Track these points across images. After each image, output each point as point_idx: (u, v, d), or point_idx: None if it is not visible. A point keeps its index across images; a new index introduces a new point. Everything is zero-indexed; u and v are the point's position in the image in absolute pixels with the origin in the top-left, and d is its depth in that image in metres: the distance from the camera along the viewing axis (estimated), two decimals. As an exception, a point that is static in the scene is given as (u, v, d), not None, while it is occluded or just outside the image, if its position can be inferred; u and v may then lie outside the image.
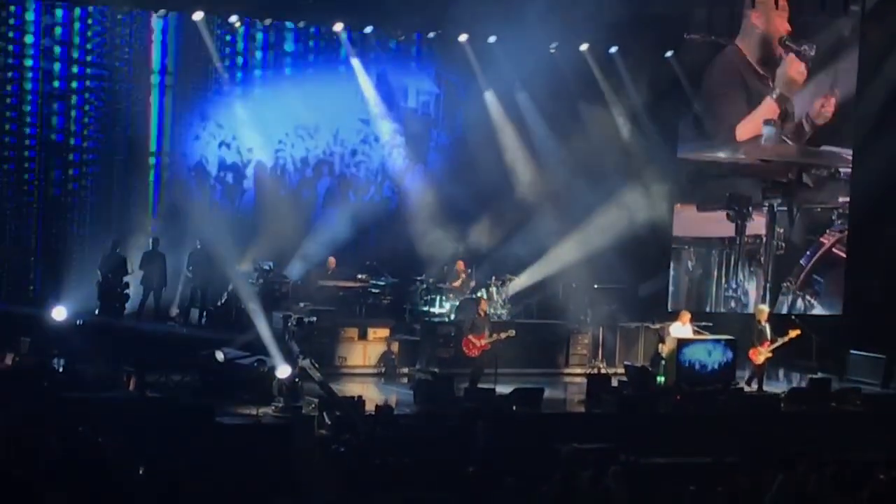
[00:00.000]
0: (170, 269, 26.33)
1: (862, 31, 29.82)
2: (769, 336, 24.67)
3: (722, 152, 29.58)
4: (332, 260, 27.46)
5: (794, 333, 24.87)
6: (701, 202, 29.65)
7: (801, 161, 30.07)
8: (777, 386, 25.52)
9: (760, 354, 24.67)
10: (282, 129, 28.64)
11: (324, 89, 28.78)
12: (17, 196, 26.56)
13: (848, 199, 30.20)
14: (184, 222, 27.06)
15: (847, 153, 30.16)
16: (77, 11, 26.34)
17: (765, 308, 25.81)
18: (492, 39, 28.83)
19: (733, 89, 29.56)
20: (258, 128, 28.14)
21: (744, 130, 29.55)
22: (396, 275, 28.11)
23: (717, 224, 29.73)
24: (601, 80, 29.77)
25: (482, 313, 24.62)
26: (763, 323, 24.92)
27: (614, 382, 24.22)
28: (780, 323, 25.70)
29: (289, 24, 28.30)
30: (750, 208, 29.76)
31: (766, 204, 29.92)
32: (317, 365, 22.43)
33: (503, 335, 24.22)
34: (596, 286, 28.11)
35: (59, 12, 26.25)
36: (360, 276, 27.52)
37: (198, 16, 26.83)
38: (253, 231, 27.71)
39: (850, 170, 30.16)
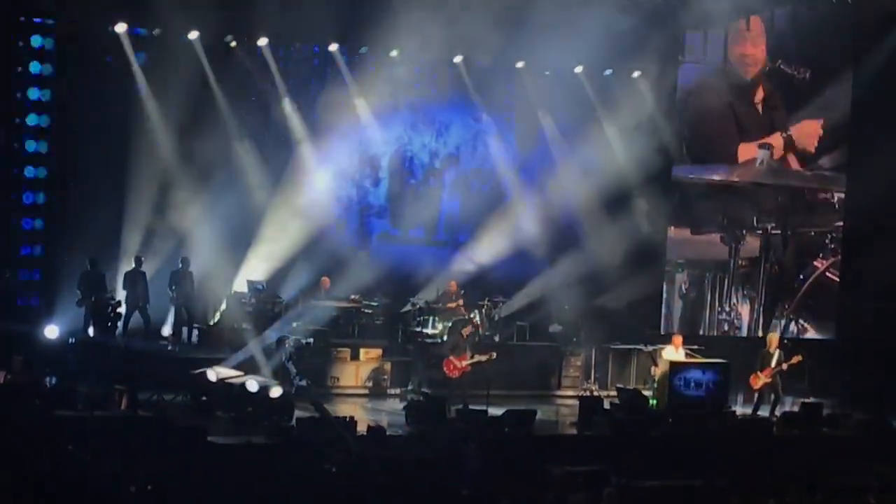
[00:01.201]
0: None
1: (855, 55, 29.92)
2: (773, 363, 24.72)
3: (716, 175, 29.67)
4: (325, 280, 27.44)
5: (794, 359, 24.89)
6: (695, 225, 29.73)
7: (795, 184, 30.18)
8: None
9: (759, 380, 24.72)
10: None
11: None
12: (10, 214, 26.57)
13: (841, 223, 30.28)
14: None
15: (840, 177, 30.26)
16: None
17: (775, 335, 25.77)
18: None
19: (723, 115, 29.72)
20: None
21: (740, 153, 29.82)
22: (390, 295, 28.16)
23: (711, 247, 29.82)
24: (596, 101, 29.94)
25: (464, 335, 24.64)
26: (773, 350, 24.95)
27: (606, 405, 24.18)
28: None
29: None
30: (744, 231, 29.87)
31: (760, 227, 30.01)
32: (311, 385, 22.38)
33: (484, 357, 24.25)
34: (588, 308, 28.13)
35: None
36: (353, 297, 27.51)
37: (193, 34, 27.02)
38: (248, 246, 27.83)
39: (843, 195, 30.27)
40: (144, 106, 26.84)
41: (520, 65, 29.43)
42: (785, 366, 24.81)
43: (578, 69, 29.63)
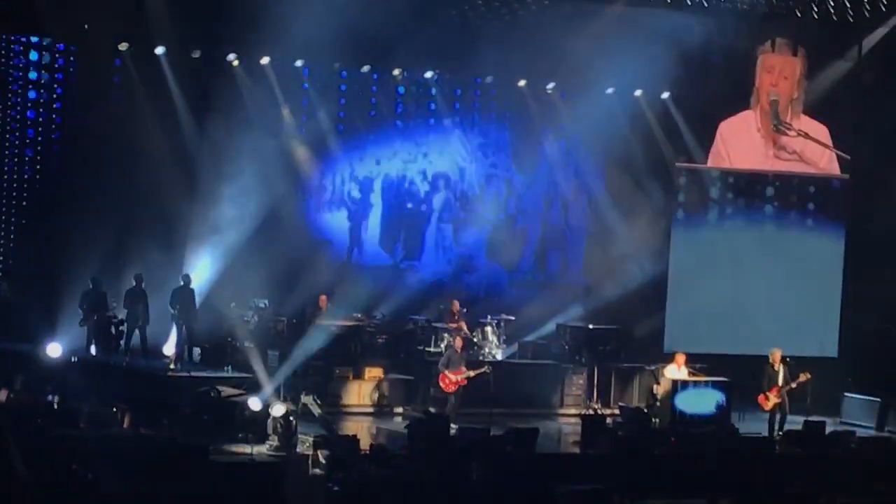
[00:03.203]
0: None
1: (858, 76, 30.07)
2: (780, 381, 24.60)
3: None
4: (323, 298, 27.37)
5: (804, 378, 24.69)
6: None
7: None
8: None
9: (769, 400, 24.57)
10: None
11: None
12: (14, 232, 26.62)
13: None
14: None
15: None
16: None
17: (778, 351, 25.17)
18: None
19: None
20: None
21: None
22: (391, 314, 28.19)
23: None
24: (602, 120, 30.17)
25: (458, 349, 24.60)
26: (776, 366, 24.76)
27: (609, 423, 24.18)
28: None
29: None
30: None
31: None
32: (318, 401, 22.37)
33: (478, 371, 24.22)
34: (591, 326, 28.12)
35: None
36: (355, 315, 27.48)
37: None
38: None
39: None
40: (145, 124, 26.93)
41: (522, 83, 29.60)
42: (794, 384, 24.67)
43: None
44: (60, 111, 27.09)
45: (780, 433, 24.37)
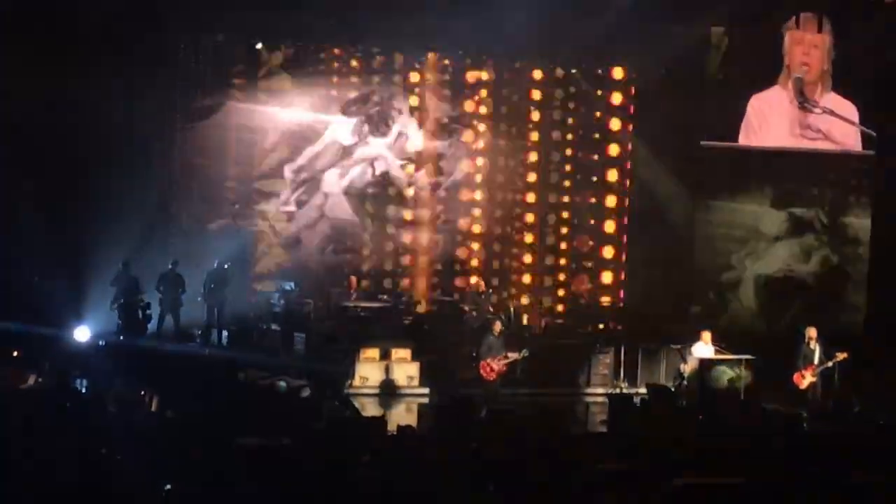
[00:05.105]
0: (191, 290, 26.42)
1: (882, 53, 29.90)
2: (816, 359, 24.47)
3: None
4: (353, 279, 27.47)
5: (840, 356, 24.58)
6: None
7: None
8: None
9: (805, 379, 24.47)
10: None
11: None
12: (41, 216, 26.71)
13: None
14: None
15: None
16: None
17: (813, 329, 25.17)
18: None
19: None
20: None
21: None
22: (418, 294, 28.29)
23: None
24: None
25: (497, 333, 24.45)
26: (812, 345, 24.68)
27: (636, 402, 24.15)
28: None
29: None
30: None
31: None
32: (341, 383, 22.45)
33: (518, 355, 24.07)
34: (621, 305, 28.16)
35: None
36: (381, 297, 27.53)
37: None
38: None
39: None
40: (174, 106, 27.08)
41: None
42: (830, 363, 24.55)
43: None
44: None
45: (806, 413, 24.30)
